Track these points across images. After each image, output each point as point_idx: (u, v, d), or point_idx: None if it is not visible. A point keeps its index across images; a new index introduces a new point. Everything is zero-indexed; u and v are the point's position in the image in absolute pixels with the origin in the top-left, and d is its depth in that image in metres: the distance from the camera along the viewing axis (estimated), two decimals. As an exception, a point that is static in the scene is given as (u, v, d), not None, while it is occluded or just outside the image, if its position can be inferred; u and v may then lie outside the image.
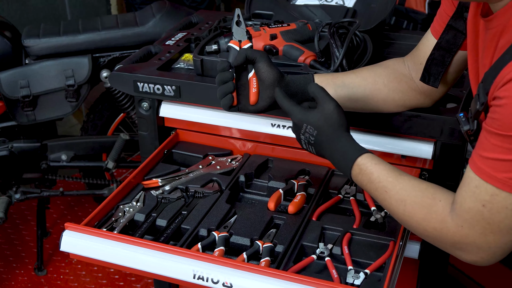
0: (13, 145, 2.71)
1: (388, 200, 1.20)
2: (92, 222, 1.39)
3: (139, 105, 1.72)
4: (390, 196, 1.19)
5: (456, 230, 1.10)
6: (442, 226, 1.12)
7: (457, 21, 1.31)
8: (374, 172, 1.21)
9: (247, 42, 1.46)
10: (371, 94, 1.44)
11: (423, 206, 1.15)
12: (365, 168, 1.22)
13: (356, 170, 1.24)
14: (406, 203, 1.17)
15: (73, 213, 3.27)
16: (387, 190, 1.20)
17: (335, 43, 1.59)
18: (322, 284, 1.16)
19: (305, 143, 1.31)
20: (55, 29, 2.66)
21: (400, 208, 1.18)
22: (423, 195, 1.16)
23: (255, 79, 1.38)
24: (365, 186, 1.24)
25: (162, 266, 1.25)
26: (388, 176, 1.20)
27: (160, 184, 1.55)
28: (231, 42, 1.46)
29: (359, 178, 1.24)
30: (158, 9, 2.69)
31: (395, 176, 1.20)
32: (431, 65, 1.37)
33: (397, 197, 1.18)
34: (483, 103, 1.05)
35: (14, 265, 2.94)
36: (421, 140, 1.52)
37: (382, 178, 1.21)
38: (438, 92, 1.44)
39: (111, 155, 2.77)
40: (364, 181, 1.23)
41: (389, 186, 1.20)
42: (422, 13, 3.09)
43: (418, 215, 1.16)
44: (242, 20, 1.47)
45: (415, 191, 1.17)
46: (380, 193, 1.21)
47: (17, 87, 2.57)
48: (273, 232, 1.40)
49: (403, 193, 1.18)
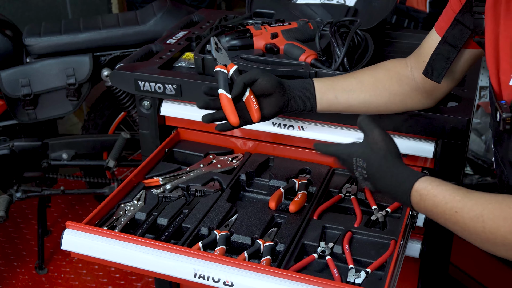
0: (14, 144, 2.71)
1: (461, 222, 1.08)
2: (93, 220, 1.39)
3: (140, 104, 1.72)
4: (462, 216, 1.07)
5: None
6: None
7: (465, 16, 1.30)
8: (437, 195, 1.11)
9: (233, 65, 1.42)
10: (372, 99, 1.43)
11: (505, 218, 1.03)
12: (427, 193, 1.12)
13: (417, 197, 1.13)
14: (484, 218, 1.05)
15: (74, 212, 3.28)
16: (457, 210, 1.08)
17: (336, 42, 1.59)
18: (323, 283, 1.16)
19: (361, 180, 1.23)
20: (56, 28, 2.67)
21: (478, 226, 1.05)
22: (501, 207, 1.04)
23: (253, 97, 1.37)
24: (431, 213, 1.13)
25: (163, 264, 1.25)
26: (455, 195, 1.09)
27: (161, 183, 1.55)
28: (217, 67, 1.42)
29: (421, 205, 1.13)
30: (159, 7, 2.69)
31: (463, 194, 1.09)
32: (436, 59, 1.36)
33: (471, 215, 1.06)
34: None
35: (15, 264, 2.95)
36: (423, 139, 1.52)
37: (449, 199, 1.09)
38: (441, 91, 1.43)
39: (112, 154, 2.77)
40: (429, 207, 1.12)
41: (458, 205, 1.08)
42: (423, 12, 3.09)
43: (502, 229, 1.03)
44: (220, 46, 1.46)
45: (490, 204, 1.05)
46: (449, 216, 1.09)
47: (18, 85, 2.57)
48: (274, 231, 1.40)
49: (477, 208, 1.06)
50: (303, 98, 1.41)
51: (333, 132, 1.57)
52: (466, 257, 2.46)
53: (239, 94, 1.37)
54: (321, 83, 1.43)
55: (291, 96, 1.41)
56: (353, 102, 1.43)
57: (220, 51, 1.45)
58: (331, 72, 1.55)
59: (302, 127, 1.58)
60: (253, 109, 1.36)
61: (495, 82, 1.16)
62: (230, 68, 1.41)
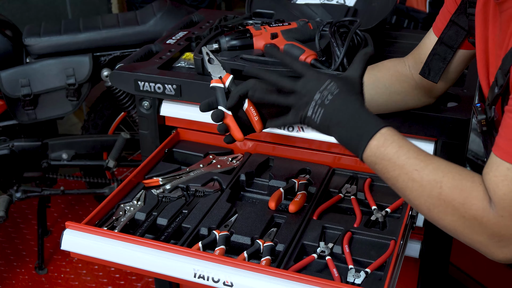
0: (14, 144, 2.71)
1: (418, 181, 1.04)
2: (92, 221, 1.39)
3: (139, 104, 1.72)
4: (421, 176, 1.04)
5: (496, 221, 0.99)
6: (483, 215, 1.00)
7: (460, 17, 1.31)
8: (403, 146, 1.06)
9: (228, 76, 1.39)
10: (372, 99, 1.43)
11: (463, 189, 1.01)
12: (392, 140, 1.07)
13: (380, 139, 1.07)
14: (443, 185, 1.02)
15: (73, 212, 3.28)
16: (418, 169, 1.04)
17: (336, 42, 1.59)
18: (323, 283, 1.16)
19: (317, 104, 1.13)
20: (56, 28, 2.67)
21: (435, 190, 1.03)
22: (461, 179, 1.02)
23: (252, 108, 1.34)
24: (386, 163, 1.07)
25: (162, 265, 1.25)
26: (419, 153, 1.06)
27: (161, 183, 1.55)
28: (212, 82, 1.38)
29: (380, 151, 1.07)
30: (159, 8, 2.69)
31: (426, 154, 1.06)
32: (433, 60, 1.37)
33: (431, 178, 1.03)
34: (501, 85, 1.00)
35: (15, 264, 2.95)
36: (422, 139, 1.52)
37: (413, 155, 1.05)
38: (438, 90, 1.44)
39: (112, 154, 2.78)
40: (388, 155, 1.06)
41: (421, 164, 1.04)
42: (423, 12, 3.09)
43: (457, 199, 1.01)
44: (213, 57, 1.41)
45: (450, 173, 1.03)
46: (407, 171, 1.05)
47: (18, 86, 2.57)
48: (273, 231, 1.40)
49: (438, 174, 1.03)
50: None
51: (333, 132, 1.57)
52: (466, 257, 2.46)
53: (238, 105, 1.34)
54: None
55: None
56: None
57: (213, 62, 1.41)
58: (331, 72, 1.55)
59: (302, 127, 1.58)
60: (254, 121, 1.34)
61: (484, 84, 1.17)
62: (226, 80, 1.38)
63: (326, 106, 1.13)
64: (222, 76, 1.39)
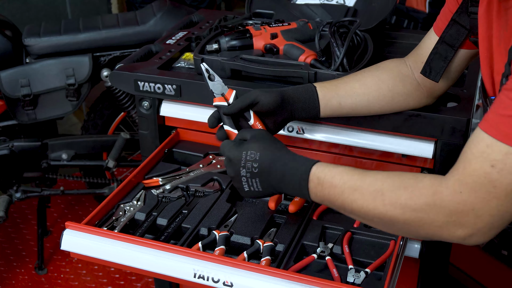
0: (14, 144, 2.71)
1: (360, 200, 1.08)
2: (92, 221, 1.39)
3: (139, 104, 1.72)
4: (362, 192, 1.08)
5: (452, 198, 1.00)
6: (435, 197, 1.01)
7: (461, 15, 1.31)
8: (335, 176, 1.12)
9: (231, 92, 1.37)
10: (375, 101, 1.43)
11: (406, 186, 1.04)
12: (324, 175, 1.13)
13: (314, 181, 1.14)
14: (384, 191, 1.05)
15: (73, 212, 3.28)
16: (356, 188, 1.08)
17: (336, 42, 1.59)
18: (323, 283, 1.16)
19: (248, 178, 1.21)
20: (55, 28, 2.67)
21: (378, 200, 1.06)
22: (401, 179, 1.06)
23: (259, 123, 1.33)
24: (329, 196, 1.13)
25: (162, 265, 1.25)
26: (352, 174, 1.11)
27: (161, 183, 1.55)
28: (215, 101, 1.35)
29: (319, 189, 1.14)
30: (159, 8, 2.69)
31: (360, 172, 1.11)
32: (434, 59, 1.37)
33: (371, 190, 1.07)
34: (508, 74, 1.00)
35: (15, 264, 2.95)
36: (422, 139, 1.52)
37: (347, 179, 1.10)
38: (439, 90, 1.44)
39: (112, 154, 2.77)
40: (326, 190, 1.12)
41: (357, 183, 1.09)
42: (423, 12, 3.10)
43: (402, 197, 1.04)
44: (213, 73, 1.38)
45: (389, 178, 1.07)
46: (348, 195, 1.10)
47: (17, 86, 2.57)
48: (273, 231, 1.40)
49: (376, 184, 1.06)
50: (307, 109, 1.40)
51: (333, 133, 1.57)
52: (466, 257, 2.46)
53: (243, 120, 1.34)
54: (324, 89, 1.41)
55: (294, 109, 1.39)
56: (356, 106, 1.43)
57: (214, 79, 1.37)
58: (330, 73, 1.55)
59: (302, 128, 1.58)
60: None
61: (488, 82, 1.17)
62: (229, 96, 1.36)
63: (258, 174, 1.21)
64: (224, 93, 1.37)
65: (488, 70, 1.17)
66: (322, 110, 1.41)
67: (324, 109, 1.41)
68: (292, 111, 1.39)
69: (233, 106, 1.32)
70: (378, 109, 1.45)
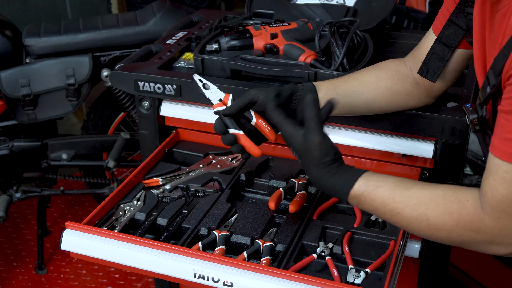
0: (14, 144, 2.71)
1: (404, 221, 1.11)
2: (92, 221, 1.39)
3: (139, 104, 1.72)
4: (405, 215, 1.11)
5: (494, 224, 1.03)
6: (480, 224, 1.05)
7: (458, 16, 1.32)
8: (376, 199, 1.13)
9: (228, 96, 1.37)
10: (374, 100, 1.43)
11: (451, 213, 1.07)
12: (364, 199, 1.14)
13: (354, 202, 1.16)
14: (429, 217, 1.08)
15: (73, 212, 3.28)
16: (399, 211, 1.11)
17: (336, 42, 1.59)
18: (323, 283, 1.16)
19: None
20: (55, 28, 2.67)
21: (423, 224, 1.09)
22: (445, 202, 1.08)
23: (261, 120, 1.33)
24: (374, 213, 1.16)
25: (162, 265, 1.25)
26: (393, 196, 1.12)
27: (161, 183, 1.55)
28: (215, 107, 1.35)
29: (361, 207, 1.17)
30: (159, 8, 2.69)
31: (401, 193, 1.12)
32: (431, 59, 1.37)
33: (414, 215, 1.10)
34: (494, 85, 1.03)
35: (15, 264, 2.95)
36: (422, 139, 1.52)
37: (388, 201, 1.12)
38: (438, 89, 1.44)
39: (112, 154, 2.77)
40: (368, 209, 1.16)
41: (399, 206, 1.11)
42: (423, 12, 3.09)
43: (448, 224, 1.07)
44: (207, 82, 1.38)
45: (433, 201, 1.09)
46: (391, 217, 1.12)
47: (17, 86, 2.57)
48: (273, 231, 1.40)
49: (420, 208, 1.09)
50: None
51: (333, 133, 1.57)
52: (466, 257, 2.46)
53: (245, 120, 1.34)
54: (323, 89, 1.41)
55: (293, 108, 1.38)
56: (356, 105, 1.43)
57: (208, 87, 1.38)
58: (330, 73, 1.55)
59: (302, 127, 1.58)
60: (266, 132, 1.33)
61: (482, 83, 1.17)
62: (227, 101, 1.36)
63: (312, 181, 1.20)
64: (221, 99, 1.37)
65: (481, 71, 1.18)
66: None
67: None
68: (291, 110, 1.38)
69: (232, 107, 1.32)
70: (377, 108, 1.45)
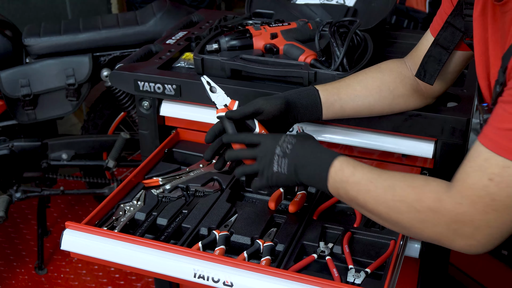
0: (14, 144, 2.71)
1: (373, 191, 1.13)
2: (92, 221, 1.39)
3: (139, 104, 1.72)
4: (376, 185, 1.13)
5: (453, 208, 1.03)
6: (438, 204, 1.04)
7: (456, 18, 1.31)
8: (357, 166, 1.17)
9: (234, 103, 1.36)
10: (377, 102, 1.44)
11: (415, 187, 1.08)
12: (347, 163, 1.17)
13: (337, 166, 1.18)
14: (396, 187, 1.10)
15: (73, 212, 3.28)
16: (372, 180, 1.14)
17: (336, 42, 1.59)
18: (323, 283, 1.16)
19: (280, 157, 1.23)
20: (55, 28, 2.67)
21: (388, 194, 1.11)
22: (413, 179, 1.11)
23: (264, 131, 1.32)
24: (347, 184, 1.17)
25: (162, 265, 1.25)
26: (372, 169, 1.16)
27: (161, 183, 1.55)
28: (218, 112, 1.34)
29: (339, 174, 1.17)
30: (159, 8, 2.69)
31: (379, 169, 1.16)
32: (428, 62, 1.37)
33: (384, 184, 1.12)
34: (502, 83, 1.02)
35: (15, 264, 2.95)
36: (422, 139, 1.52)
37: (367, 170, 1.16)
38: (437, 91, 1.44)
39: (112, 154, 2.77)
40: (346, 175, 1.16)
41: (374, 176, 1.14)
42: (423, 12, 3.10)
43: (410, 196, 1.08)
44: (214, 85, 1.37)
45: (404, 177, 1.12)
46: (363, 186, 1.14)
47: (17, 86, 2.57)
48: (273, 231, 1.40)
49: (391, 180, 1.12)
50: (310, 113, 1.41)
51: (333, 133, 1.57)
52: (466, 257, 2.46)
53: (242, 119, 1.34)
54: (326, 93, 1.41)
55: (297, 114, 1.39)
56: (358, 108, 1.43)
57: (215, 91, 1.37)
58: (330, 73, 1.55)
59: (302, 128, 1.58)
60: None
61: (484, 86, 1.17)
62: (232, 107, 1.35)
63: (288, 155, 1.23)
64: (227, 104, 1.36)
65: (484, 74, 1.17)
66: (325, 114, 1.42)
67: (326, 113, 1.42)
68: (295, 116, 1.39)
69: (237, 111, 1.32)
70: (379, 110, 1.46)
